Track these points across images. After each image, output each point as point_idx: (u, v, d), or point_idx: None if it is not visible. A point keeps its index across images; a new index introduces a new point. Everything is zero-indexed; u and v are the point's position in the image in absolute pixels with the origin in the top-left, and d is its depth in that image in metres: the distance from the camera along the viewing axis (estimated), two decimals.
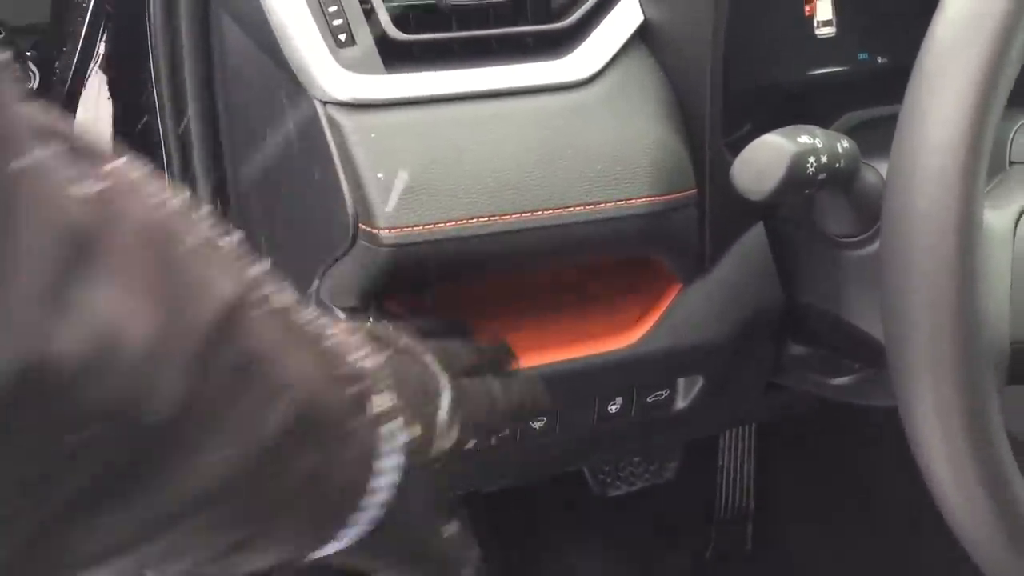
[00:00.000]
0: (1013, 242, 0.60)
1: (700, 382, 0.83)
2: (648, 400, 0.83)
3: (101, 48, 0.88)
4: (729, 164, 0.72)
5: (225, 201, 0.84)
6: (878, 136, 0.72)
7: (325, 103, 0.67)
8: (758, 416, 1.08)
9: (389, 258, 0.65)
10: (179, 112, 0.82)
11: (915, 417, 0.56)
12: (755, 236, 0.80)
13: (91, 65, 0.88)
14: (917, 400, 0.55)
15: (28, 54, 0.90)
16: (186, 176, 0.83)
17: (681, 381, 0.83)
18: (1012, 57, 0.54)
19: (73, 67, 0.86)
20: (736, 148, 0.73)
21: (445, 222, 0.66)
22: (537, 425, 0.80)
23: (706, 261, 0.78)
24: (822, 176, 0.63)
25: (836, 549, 1.43)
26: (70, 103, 0.88)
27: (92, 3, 0.84)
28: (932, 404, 0.54)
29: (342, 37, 0.67)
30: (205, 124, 0.81)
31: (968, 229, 0.52)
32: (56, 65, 0.90)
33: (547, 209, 0.68)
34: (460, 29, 0.73)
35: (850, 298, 0.75)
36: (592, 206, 0.69)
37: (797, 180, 0.62)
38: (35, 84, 0.91)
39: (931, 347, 0.53)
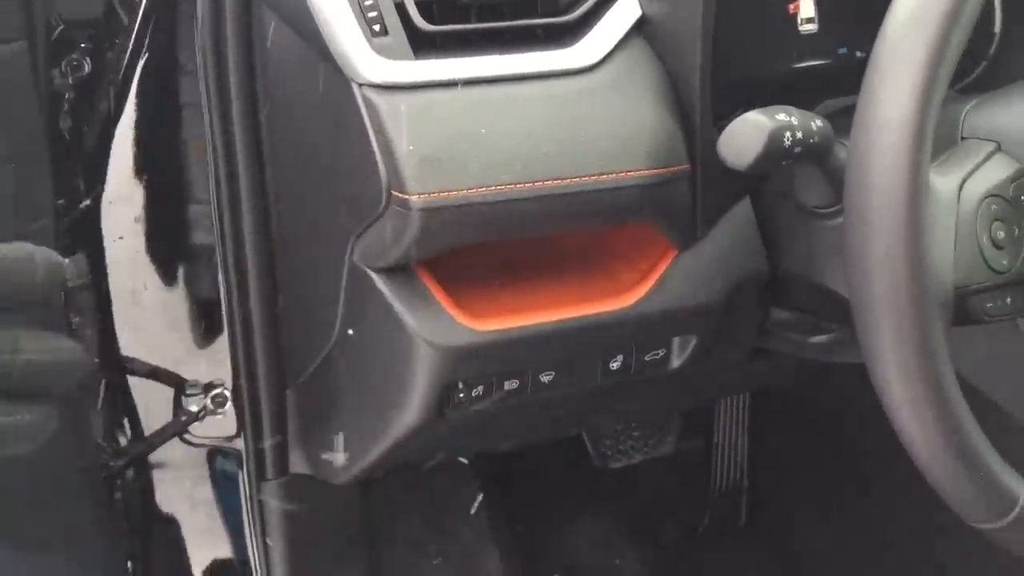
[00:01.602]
0: (957, 204, 0.69)
1: (693, 341, 0.91)
2: (646, 358, 0.90)
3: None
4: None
5: (262, 176, 0.91)
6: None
7: (362, 85, 0.75)
8: (747, 383, 1.16)
9: (419, 221, 0.74)
10: (223, 98, 0.90)
11: (875, 354, 0.65)
12: (742, 209, 0.88)
13: (140, 59, 0.96)
14: (877, 337, 0.63)
15: (83, 46, 0.98)
16: (228, 159, 0.91)
17: (676, 340, 0.91)
18: (951, 49, 0.63)
19: (126, 60, 0.95)
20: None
21: (467, 189, 0.74)
22: (547, 378, 0.88)
23: (698, 230, 0.86)
24: (798, 150, 0.71)
25: (828, 521, 1.49)
26: (123, 91, 0.96)
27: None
28: (890, 340, 0.63)
29: (376, 27, 0.76)
30: (247, 107, 0.89)
31: (916, 191, 0.61)
32: (108, 56, 0.98)
33: (557, 179, 0.76)
34: (478, 21, 0.81)
35: (824, 263, 0.84)
36: (596, 176, 0.77)
37: (775, 152, 0.70)
38: (87, 72, 1.00)
39: (888, 291, 0.62)
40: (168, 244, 1.03)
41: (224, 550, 1.14)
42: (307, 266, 0.91)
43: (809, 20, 0.95)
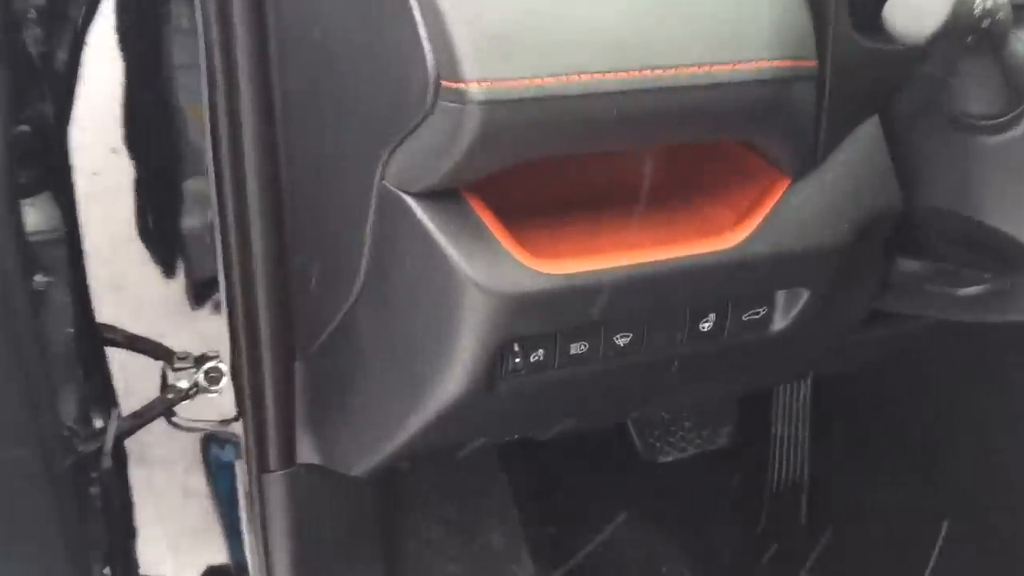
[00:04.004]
0: None
1: (804, 297, 0.76)
2: (744, 317, 0.76)
3: None
4: (853, 41, 0.66)
5: (268, 97, 0.76)
6: None
7: None
8: (856, 356, 1.02)
9: (478, 118, 0.58)
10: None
11: None
12: (871, 129, 0.74)
13: None
14: None
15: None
16: (228, 74, 0.75)
17: (781, 296, 0.77)
18: None
19: None
20: (860, 29, 0.66)
21: (542, 77, 0.58)
22: (622, 341, 0.73)
23: (819, 152, 0.72)
24: (986, 23, 0.56)
25: (897, 522, 1.37)
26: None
27: None
28: None
29: None
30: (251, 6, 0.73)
31: None
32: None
33: (656, 68, 0.61)
34: None
35: (986, 193, 0.70)
36: (706, 67, 0.62)
37: (962, 22, 0.55)
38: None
39: None
40: (162, 227, 0.94)
41: (220, 553, 1.09)
42: (324, 202, 0.76)
43: None
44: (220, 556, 1.09)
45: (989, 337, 1.16)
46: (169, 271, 0.98)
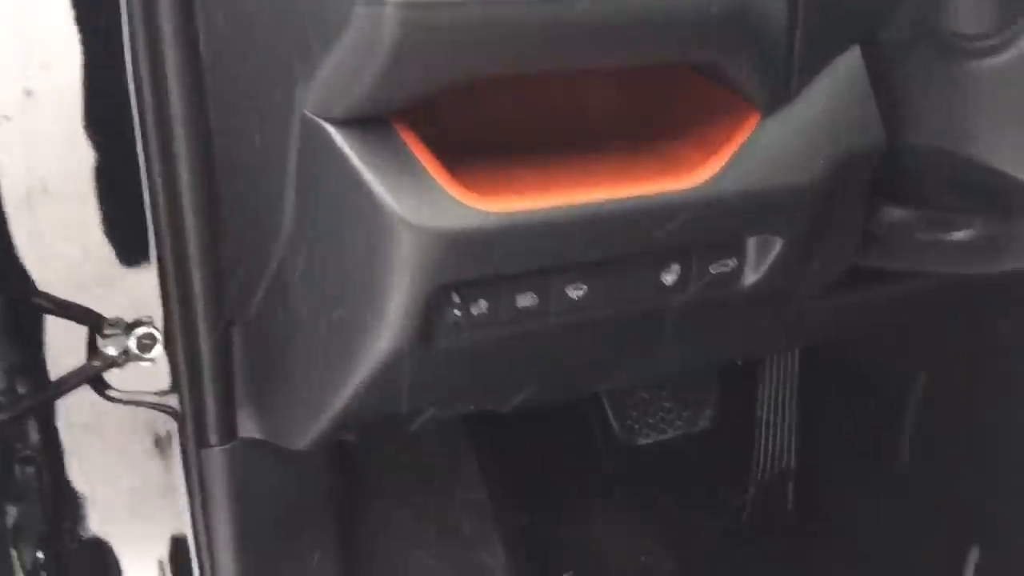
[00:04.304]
0: None
1: (777, 246, 0.70)
2: (711, 268, 0.70)
3: None
4: None
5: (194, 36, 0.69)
6: None
7: None
8: (836, 327, 0.95)
9: (397, 22, 0.51)
10: None
11: None
12: (851, 61, 0.67)
13: None
14: None
15: None
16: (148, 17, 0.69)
17: (752, 245, 0.70)
18: None
19: None
20: None
21: None
22: (575, 293, 0.66)
23: (793, 84, 0.65)
24: None
25: (886, 511, 1.35)
26: None
27: None
28: None
29: None
30: None
31: None
32: None
33: None
34: None
35: (978, 127, 0.63)
36: None
37: None
38: None
39: None
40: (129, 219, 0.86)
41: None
42: (248, 141, 0.69)
43: None
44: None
45: (986, 313, 1.11)
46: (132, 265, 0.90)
